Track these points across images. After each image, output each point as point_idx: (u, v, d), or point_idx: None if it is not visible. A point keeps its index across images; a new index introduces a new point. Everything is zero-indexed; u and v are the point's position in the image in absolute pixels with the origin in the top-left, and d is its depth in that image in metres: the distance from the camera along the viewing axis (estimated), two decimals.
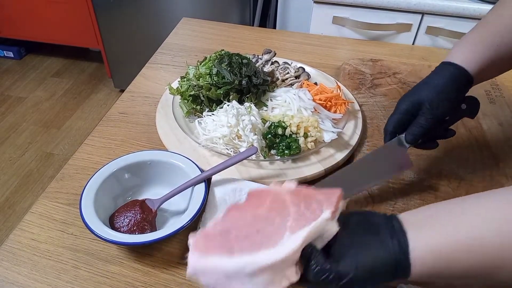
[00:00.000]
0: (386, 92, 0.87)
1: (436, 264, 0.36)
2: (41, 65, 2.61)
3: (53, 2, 2.23)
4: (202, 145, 0.70)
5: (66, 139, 2.09)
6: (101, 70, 2.58)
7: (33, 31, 2.41)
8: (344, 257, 0.38)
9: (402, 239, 0.37)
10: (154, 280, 0.55)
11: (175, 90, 0.80)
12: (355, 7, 1.28)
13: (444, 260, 0.36)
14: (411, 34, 1.29)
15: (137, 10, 1.90)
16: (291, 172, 0.66)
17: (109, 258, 0.57)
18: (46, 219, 0.62)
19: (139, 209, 0.58)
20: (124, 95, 0.88)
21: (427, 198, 0.64)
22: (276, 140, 0.69)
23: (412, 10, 1.24)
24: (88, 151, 0.74)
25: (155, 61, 1.00)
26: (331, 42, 1.12)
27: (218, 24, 1.18)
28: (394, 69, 0.95)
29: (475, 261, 0.36)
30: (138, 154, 0.65)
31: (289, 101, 0.75)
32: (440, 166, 0.70)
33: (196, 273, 0.38)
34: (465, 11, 1.19)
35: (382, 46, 1.12)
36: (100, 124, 0.80)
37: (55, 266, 0.56)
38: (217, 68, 0.74)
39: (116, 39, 2.06)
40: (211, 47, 1.07)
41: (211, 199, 0.61)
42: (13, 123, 2.17)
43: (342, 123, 0.76)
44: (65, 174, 0.70)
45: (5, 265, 0.56)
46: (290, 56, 0.98)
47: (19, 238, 0.59)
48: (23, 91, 2.39)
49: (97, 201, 0.58)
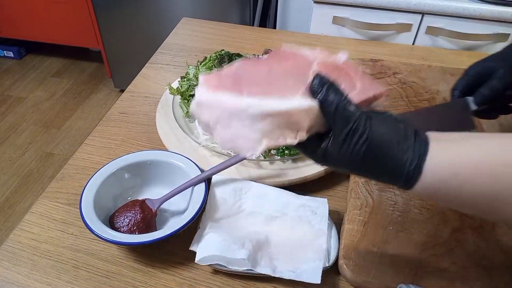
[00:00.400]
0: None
1: (449, 180, 0.35)
2: (41, 65, 2.61)
3: (53, 2, 2.23)
4: (202, 145, 0.70)
5: (66, 139, 2.09)
6: (101, 70, 2.58)
7: (33, 31, 2.41)
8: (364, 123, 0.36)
9: (423, 144, 0.35)
10: (154, 280, 0.55)
11: (175, 90, 0.80)
12: (355, 7, 1.28)
13: (459, 178, 0.34)
14: (411, 34, 1.29)
15: (137, 10, 1.89)
16: (291, 172, 0.66)
17: (109, 258, 0.57)
18: (46, 219, 0.62)
19: (139, 209, 0.58)
20: (124, 95, 0.88)
21: None
22: None
23: (412, 10, 1.24)
24: (88, 151, 0.74)
25: (155, 61, 1.00)
26: (331, 42, 1.12)
27: (218, 24, 1.18)
28: (394, 69, 0.95)
29: (489, 188, 0.34)
30: (138, 154, 0.65)
31: None
32: None
33: (200, 106, 0.37)
34: (465, 11, 1.19)
35: (382, 46, 1.12)
36: (100, 124, 0.80)
37: (55, 266, 0.56)
38: (217, 68, 0.74)
39: (116, 39, 2.06)
40: (211, 47, 1.07)
41: (211, 199, 0.61)
42: (13, 123, 2.17)
43: None
44: (65, 174, 0.70)
45: (5, 265, 0.56)
46: None
47: (19, 238, 0.59)
48: (23, 91, 2.39)
49: (97, 201, 0.58)
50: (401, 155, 0.35)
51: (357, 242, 0.56)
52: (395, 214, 0.61)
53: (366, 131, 0.35)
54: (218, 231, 0.56)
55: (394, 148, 0.35)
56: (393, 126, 0.36)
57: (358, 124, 0.35)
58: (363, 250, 0.55)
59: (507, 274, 0.54)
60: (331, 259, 0.55)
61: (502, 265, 0.55)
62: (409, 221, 0.60)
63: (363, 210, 0.61)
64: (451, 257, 0.55)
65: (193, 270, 0.56)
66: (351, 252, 0.55)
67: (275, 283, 0.55)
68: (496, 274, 0.54)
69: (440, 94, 0.87)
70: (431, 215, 0.61)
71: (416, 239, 0.57)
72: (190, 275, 0.56)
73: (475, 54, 1.11)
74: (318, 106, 0.37)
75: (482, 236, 0.58)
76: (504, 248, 0.57)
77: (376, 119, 0.36)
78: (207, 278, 0.55)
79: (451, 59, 1.05)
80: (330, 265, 0.54)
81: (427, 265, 0.54)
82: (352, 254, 0.55)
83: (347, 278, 0.54)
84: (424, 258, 0.55)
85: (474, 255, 0.56)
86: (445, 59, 1.05)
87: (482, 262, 0.55)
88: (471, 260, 0.55)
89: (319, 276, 0.52)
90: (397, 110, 0.82)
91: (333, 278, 0.56)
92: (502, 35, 1.22)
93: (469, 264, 0.55)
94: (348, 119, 0.36)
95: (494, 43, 1.24)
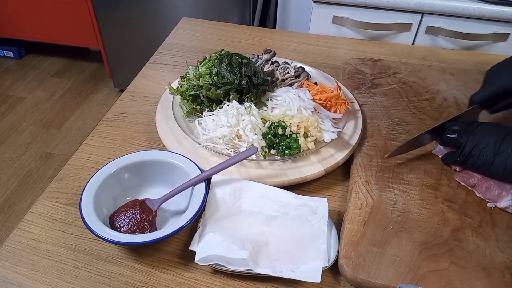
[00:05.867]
0: (386, 92, 0.87)
1: None
2: (41, 65, 2.61)
3: (53, 2, 2.24)
4: (202, 145, 0.70)
5: (66, 139, 2.09)
6: (101, 70, 2.58)
7: (33, 31, 2.41)
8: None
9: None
10: (154, 280, 0.55)
11: (175, 90, 0.80)
12: (355, 7, 1.28)
13: None
14: (411, 34, 1.29)
15: (137, 10, 1.90)
16: (291, 172, 0.66)
17: (109, 258, 0.57)
18: (46, 219, 0.62)
19: (139, 209, 0.58)
20: (124, 95, 0.88)
21: (427, 198, 0.64)
22: (276, 140, 0.69)
23: (412, 10, 1.24)
24: (88, 151, 0.74)
25: (155, 61, 1.00)
26: (331, 42, 1.12)
27: (218, 24, 1.18)
28: (394, 69, 0.95)
29: None
30: (138, 154, 0.65)
31: (289, 101, 0.75)
32: (441, 166, 0.70)
33: None
34: (465, 11, 1.19)
35: (382, 46, 1.12)
36: (100, 124, 0.80)
37: (55, 266, 0.56)
38: (217, 68, 0.74)
39: (116, 39, 2.06)
40: (211, 47, 1.07)
41: (211, 199, 0.61)
42: (13, 123, 2.17)
43: (342, 123, 0.76)
44: (65, 174, 0.70)
45: (5, 265, 0.56)
46: (290, 56, 0.98)
47: (19, 238, 0.59)
48: (23, 91, 2.39)
49: (97, 201, 0.58)
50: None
51: (357, 242, 0.56)
52: (395, 214, 0.61)
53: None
54: (218, 231, 0.56)
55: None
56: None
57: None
58: (363, 250, 0.55)
59: (507, 274, 0.54)
60: (331, 259, 0.55)
61: (502, 265, 0.55)
62: (409, 221, 0.60)
63: (363, 210, 0.61)
64: (451, 257, 0.55)
65: (193, 270, 0.56)
66: (351, 252, 0.55)
67: (275, 283, 0.55)
68: (496, 274, 0.54)
69: (440, 94, 0.87)
70: (431, 215, 0.61)
71: (416, 239, 0.57)
72: (190, 275, 0.56)
73: (475, 54, 1.11)
74: None
75: (482, 236, 0.58)
76: (504, 247, 0.57)
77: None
78: (207, 278, 0.55)
79: (451, 59, 1.05)
80: (330, 264, 0.54)
81: (427, 265, 0.54)
82: (352, 254, 0.55)
83: (347, 278, 0.54)
84: (424, 258, 0.55)
85: (474, 255, 0.56)
86: (445, 59, 1.05)
87: (482, 262, 0.55)
88: (471, 260, 0.55)
89: (319, 276, 0.52)
90: (397, 110, 0.82)
91: (333, 278, 0.56)
92: (502, 35, 1.22)
93: (469, 264, 0.55)
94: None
95: (493, 43, 1.24)
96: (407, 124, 0.79)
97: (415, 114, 0.81)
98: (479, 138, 0.63)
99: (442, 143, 0.70)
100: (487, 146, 0.62)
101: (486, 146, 0.62)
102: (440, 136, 0.69)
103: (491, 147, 0.61)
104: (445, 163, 0.70)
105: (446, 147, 0.70)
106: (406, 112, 0.82)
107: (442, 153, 0.71)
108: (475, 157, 0.63)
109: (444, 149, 0.71)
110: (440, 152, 0.71)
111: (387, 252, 0.55)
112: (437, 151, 0.72)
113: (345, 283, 0.55)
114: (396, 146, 0.69)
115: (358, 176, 0.67)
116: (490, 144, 0.61)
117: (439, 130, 0.69)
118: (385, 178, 0.67)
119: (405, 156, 0.71)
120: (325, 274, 0.54)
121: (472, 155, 0.63)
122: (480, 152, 0.62)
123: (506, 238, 0.58)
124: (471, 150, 0.63)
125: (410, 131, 0.77)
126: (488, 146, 0.62)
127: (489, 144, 0.62)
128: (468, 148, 0.64)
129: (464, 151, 0.64)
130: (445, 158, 0.69)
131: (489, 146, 0.62)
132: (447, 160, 0.69)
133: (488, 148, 0.62)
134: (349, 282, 0.54)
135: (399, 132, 0.76)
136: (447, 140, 0.68)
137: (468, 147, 0.64)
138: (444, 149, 0.71)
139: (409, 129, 0.77)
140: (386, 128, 0.77)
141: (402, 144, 0.69)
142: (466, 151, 0.64)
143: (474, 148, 0.63)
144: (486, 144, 0.62)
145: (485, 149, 0.62)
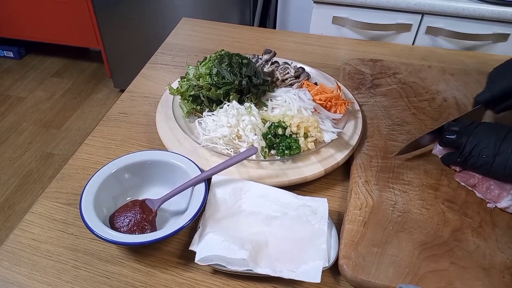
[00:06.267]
0: (386, 92, 0.87)
1: None
2: (41, 65, 2.61)
3: (53, 2, 2.24)
4: (202, 145, 0.70)
5: (66, 139, 2.09)
6: (101, 70, 2.58)
7: (33, 31, 2.41)
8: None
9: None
10: (154, 280, 0.55)
11: (175, 90, 0.80)
12: (355, 7, 1.28)
13: None
14: (411, 34, 1.29)
15: (137, 10, 1.90)
16: (291, 172, 0.66)
17: (109, 258, 0.57)
18: (46, 219, 0.62)
19: (139, 209, 0.58)
20: (124, 95, 0.88)
21: (427, 198, 0.64)
22: (276, 140, 0.69)
23: (412, 10, 1.24)
24: (88, 151, 0.74)
25: (155, 61, 1.00)
26: (331, 42, 1.12)
27: (218, 24, 1.18)
28: (394, 69, 0.95)
29: None
30: (138, 154, 0.65)
31: (289, 101, 0.75)
32: (441, 166, 0.70)
33: None
34: (465, 11, 1.19)
35: (382, 46, 1.12)
36: (100, 124, 0.80)
37: (55, 266, 0.56)
38: (217, 68, 0.74)
39: (116, 39, 2.06)
40: (211, 47, 1.07)
41: (211, 199, 0.61)
42: (13, 123, 2.17)
43: (342, 123, 0.76)
44: (65, 174, 0.70)
45: (5, 265, 0.56)
46: (290, 56, 0.98)
47: (19, 238, 0.59)
48: (23, 91, 2.39)
49: (97, 201, 0.58)
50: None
51: (357, 242, 0.56)
52: (395, 214, 0.61)
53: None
54: (218, 231, 0.56)
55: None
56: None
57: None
58: (363, 250, 0.55)
59: (507, 275, 0.54)
60: (331, 259, 0.55)
61: (502, 265, 0.55)
62: (409, 221, 0.60)
63: (363, 210, 0.61)
64: (451, 257, 0.55)
65: (193, 270, 0.56)
66: (351, 252, 0.55)
67: (275, 283, 0.55)
68: (496, 274, 0.54)
69: (440, 94, 0.87)
70: (431, 216, 0.61)
71: (416, 239, 0.57)
72: (190, 275, 0.56)
73: (475, 54, 1.11)
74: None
75: (482, 236, 0.58)
76: (504, 248, 0.57)
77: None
78: (207, 278, 0.55)
79: (451, 59, 1.05)
80: (330, 265, 0.54)
81: (427, 265, 0.54)
82: (352, 254, 0.55)
83: (347, 278, 0.54)
84: (424, 258, 0.55)
85: (474, 255, 0.56)
86: (445, 59, 1.05)
87: (482, 262, 0.55)
88: (471, 260, 0.55)
89: (319, 276, 0.52)
90: (397, 110, 0.82)
91: (333, 278, 0.56)
92: (502, 35, 1.22)
93: (469, 264, 0.55)
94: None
95: (493, 43, 1.24)
96: (407, 124, 0.79)
97: (415, 115, 0.81)
98: (479, 138, 0.63)
99: (442, 144, 0.70)
100: (487, 146, 0.62)
101: (486, 146, 0.62)
102: (440, 136, 0.69)
103: (491, 147, 0.61)
104: (445, 164, 0.70)
105: (446, 148, 0.70)
106: (406, 113, 0.82)
107: (442, 154, 0.71)
108: (475, 157, 0.63)
109: (444, 150, 0.71)
110: (440, 153, 0.71)
111: (387, 253, 0.55)
112: (437, 151, 0.72)
113: (345, 283, 0.55)
114: (396, 146, 0.69)
115: (358, 177, 0.67)
116: (490, 144, 0.61)
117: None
118: (385, 179, 0.67)
119: (405, 156, 0.71)
120: (325, 274, 0.54)
121: (472, 155, 0.63)
122: (480, 153, 0.62)
123: (506, 239, 0.58)
124: (471, 151, 0.63)
125: (410, 132, 0.77)
126: (488, 146, 0.62)
127: (489, 144, 0.62)
128: (468, 148, 0.64)
129: (464, 152, 0.64)
130: (445, 159, 0.69)
131: (489, 146, 0.62)
132: (447, 160, 0.69)
133: (488, 148, 0.62)
134: (349, 282, 0.54)
135: (399, 133, 0.76)
136: (447, 141, 0.68)
137: (468, 148, 0.64)
138: (444, 149, 0.71)
139: (409, 129, 0.77)
140: (386, 128, 0.77)
141: (414, 140, 0.69)
142: (466, 152, 0.64)
143: (474, 149, 0.63)
144: (486, 144, 0.62)
145: (485, 149, 0.62)
